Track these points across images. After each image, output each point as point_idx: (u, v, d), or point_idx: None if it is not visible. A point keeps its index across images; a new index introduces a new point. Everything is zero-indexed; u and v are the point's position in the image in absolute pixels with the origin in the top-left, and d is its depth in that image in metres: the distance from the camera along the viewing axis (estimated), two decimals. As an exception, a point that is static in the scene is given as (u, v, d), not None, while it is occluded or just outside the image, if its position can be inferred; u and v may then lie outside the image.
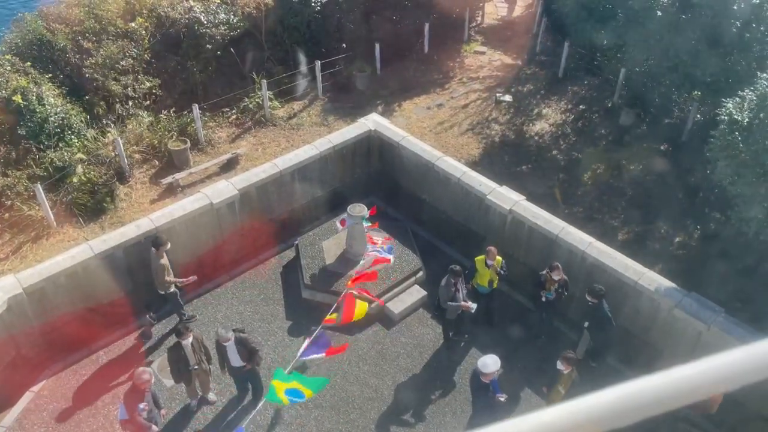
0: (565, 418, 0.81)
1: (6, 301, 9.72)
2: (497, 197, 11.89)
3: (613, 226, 13.08)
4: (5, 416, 9.95)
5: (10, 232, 11.90)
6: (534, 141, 15.36)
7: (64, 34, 14.59)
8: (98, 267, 10.61)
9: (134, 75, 14.86)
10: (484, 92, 16.97)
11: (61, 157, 12.58)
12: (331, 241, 12.57)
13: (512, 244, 11.95)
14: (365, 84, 16.85)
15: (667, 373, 0.86)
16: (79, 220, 12.29)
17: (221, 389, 10.38)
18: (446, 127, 15.63)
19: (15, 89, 12.74)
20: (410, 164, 13.20)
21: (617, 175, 14.24)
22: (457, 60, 18.50)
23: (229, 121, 15.24)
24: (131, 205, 12.86)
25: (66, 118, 13.20)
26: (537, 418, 0.83)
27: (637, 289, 10.34)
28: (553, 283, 10.47)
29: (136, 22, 15.26)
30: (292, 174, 12.62)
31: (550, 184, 14.03)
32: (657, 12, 13.30)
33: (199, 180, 13.54)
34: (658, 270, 10.97)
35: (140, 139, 13.84)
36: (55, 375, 10.58)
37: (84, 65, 14.34)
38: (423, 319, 11.84)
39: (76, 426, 9.85)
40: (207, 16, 15.75)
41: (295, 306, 11.87)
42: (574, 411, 0.82)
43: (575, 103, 16.46)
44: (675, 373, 0.85)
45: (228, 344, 9.29)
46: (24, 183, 12.19)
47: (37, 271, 10.18)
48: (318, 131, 15.00)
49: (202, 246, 11.87)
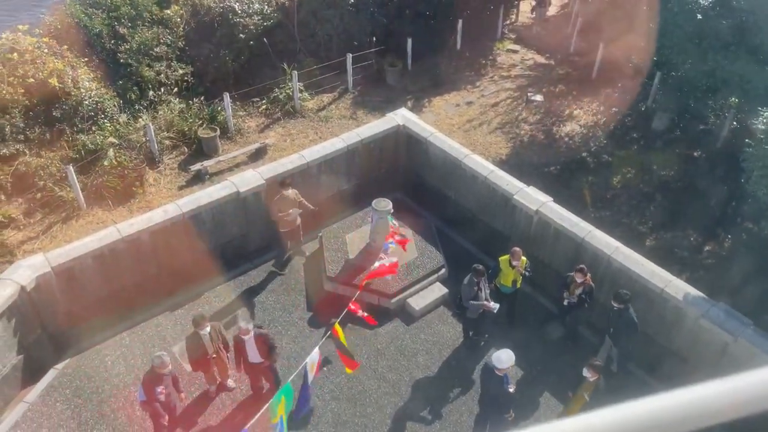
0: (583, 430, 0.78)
1: (35, 279, 9.92)
2: (524, 197, 11.77)
3: (641, 231, 12.87)
4: (29, 392, 10.16)
5: (41, 212, 12.14)
6: (564, 142, 15.18)
7: (100, 20, 14.82)
8: (124, 250, 10.76)
9: (167, 62, 15.04)
10: (515, 91, 16.81)
11: (93, 141, 12.79)
12: (355, 235, 12.58)
13: (537, 245, 11.83)
14: (395, 79, 16.80)
15: (691, 389, 0.80)
16: (108, 203, 12.48)
17: (240, 376, 10.46)
18: (475, 125, 15.52)
19: (52, 72, 12.97)
20: (437, 161, 13.13)
21: (648, 179, 14.01)
22: (489, 58, 18.36)
23: (258, 110, 15.34)
24: (159, 190, 13.02)
25: (100, 102, 13.41)
26: (555, 428, 0.79)
27: (663, 296, 10.15)
28: (578, 287, 10.33)
29: (171, 10, 15.43)
30: (319, 166, 12.64)
31: (578, 186, 13.85)
32: (696, 15, 13.03)
33: (227, 168, 13.65)
34: (686, 278, 10.76)
35: (171, 125, 14.00)
36: (79, 354, 10.77)
37: (119, 51, 14.56)
38: (443, 316, 11.79)
39: (98, 405, 10.02)
40: (241, 6, 15.86)
41: (316, 297, 11.90)
42: (594, 423, 0.78)
43: (608, 106, 16.21)
44: (700, 390, 0.79)
45: (247, 338, 9.27)
46: (57, 164, 12.42)
47: (66, 251, 10.36)
48: (346, 124, 15.01)
49: (227, 233, 11.97)
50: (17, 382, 10.14)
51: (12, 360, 9.98)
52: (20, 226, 11.84)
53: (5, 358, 9.85)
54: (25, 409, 9.91)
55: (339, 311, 10.30)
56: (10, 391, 10.04)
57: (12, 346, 9.96)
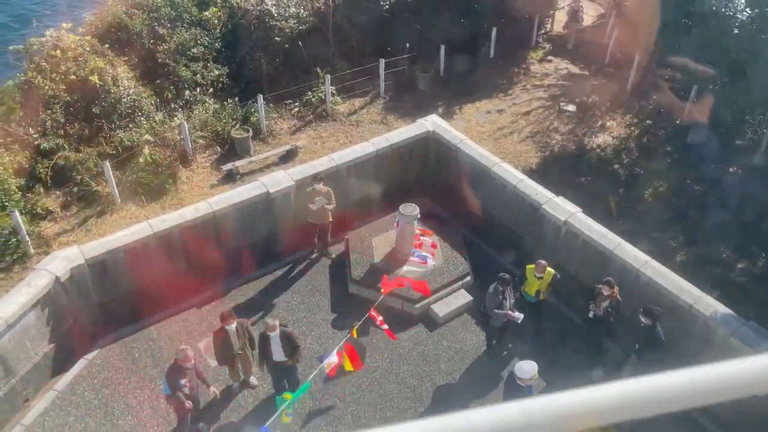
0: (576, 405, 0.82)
1: (69, 271, 10.20)
2: (553, 207, 11.70)
3: (671, 246, 12.67)
4: (59, 381, 10.44)
5: (77, 205, 12.46)
6: (595, 153, 15.03)
7: (141, 20, 15.16)
8: (156, 245, 11.00)
9: (204, 62, 15.32)
10: (547, 100, 16.71)
11: (130, 137, 13.08)
12: (381, 239, 12.64)
13: (565, 256, 11.74)
14: (427, 85, 16.85)
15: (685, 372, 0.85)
16: (142, 199, 12.75)
17: (263, 375, 10.58)
18: (506, 133, 15.47)
19: (93, 69, 13.31)
20: (466, 168, 13.13)
21: (680, 194, 13.79)
22: (522, 66, 18.28)
23: (291, 113, 15.51)
24: (191, 188, 13.25)
25: (137, 100, 13.72)
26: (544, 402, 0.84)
27: (692, 313, 9.99)
28: (604, 299, 10.22)
29: (210, 11, 15.72)
30: (348, 169, 12.75)
31: (607, 197, 13.70)
32: (734, 29, 12.82)
33: (258, 169, 13.84)
34: (716, 296, 10.56)
35: (205, 124, 14.25)
36: (108, 345, 11.02)
37: (158, 50, 14.88)
38: (467, 324, 11.77)
39: (124, 396, 10.24)
40: (278, 9, 16.08)
41: (340, 299, 11.99)
42: (583, 399, 0.83)
43: (641, 118, 16.02)
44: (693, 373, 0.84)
45: (273, 335, 9.38)
46: (94, 159, 12.72)
47: (100, 244, 10.64)
48: (377, 129, 15.09)
49: (256, 233, 12.14)
50: (48, 370, 10.42)
51: (44, 348, 10.26)
52: (57, 218, 12.17)
53: (38, 347, 10.14)
54: (54, 397, 10.18)
55: (362, 314, 10.37)
56: (41, 378, 10.32)
57: (45, 335, 10.25)
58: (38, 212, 12.06)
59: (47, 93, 12.92)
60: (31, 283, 9.84)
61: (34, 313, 9.86)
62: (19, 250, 11.28)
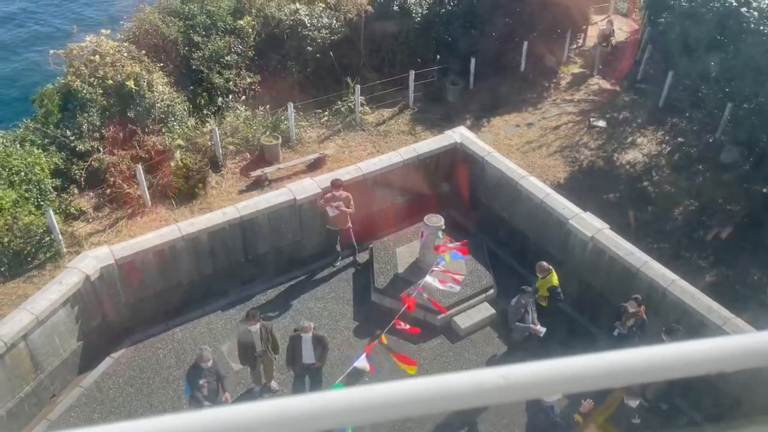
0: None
1: (99, 270, 10.43)
2: (580, 223, 11.60)
3: (700, 266, 12.45)
4: (86, 377, 10.65)
5: (109, 207, 12.75)
6: (624, 170, 14.86)
7: (177, 27, 15.51)
8: (183, 248, 11.19)
9: (237, 70, 15.59)
10: (577, 115, 16.60)
11: (162, 142, 13.35)
12: (405, 249, 12.66)
13: (591, 272, 11.61)
14: (456, 97, 16.88)
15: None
16: (172, 203, 12.99)
17: (284, 379, 10.66)
18: (534, 147, 15.40)
19: (129, 75, 13.65)
20: (493, 180, 13.10)
21: (712, 213, 13.55)
22: (553, 80, 18.21)
23: (320, 122, 15.68)
24: (220, 193, 13.46)
25: (171, 106, 14.01)
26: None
27: (719, 334, 9.78)
28: (630, 317, 10.08)
29: (244, 20, 16.01)
30: (375, 179, 12.81)
31: (636, 215, 13.53)
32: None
33: (286, 176, 14.00)
34: (746, 318, 10.33)
35: (236, 131, 14.48)
36: (134, 345, 11.22)
37: (192, 57, 15.19)
38: (489, 337, 11.69)
39: (148, 395, 10.40)
40: (311, 20, 16.30)
41: (363, 308, 12.03)
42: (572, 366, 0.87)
43: (673, 135, 15.80)
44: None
45: (305, 337, 9.49)
46: (127, 162, 13.01)
47: (129, 245, 10.86)
48: (405, 140, 15.16)
49: (282, 239, 12.26)
50: (75, 367, 10.64)
51: (72, 345, 10.49)
52: (89, 218, 12.46)
53: (66, 343, 10.37)
54: (80, 394, 10.39)
55: (385, 323, 10.39)
56: (68, 375, 10.55)
57: (73, 332, 10.48)
58: (72, 212, 12.37)
59: (85, 97, 13.28)
60: (63, 281, 10.08)
61: (64, 311, 10.09)
62: (53, 249, 11.57)
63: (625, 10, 22.95)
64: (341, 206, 11.66)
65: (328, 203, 11.72)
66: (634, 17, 22.35)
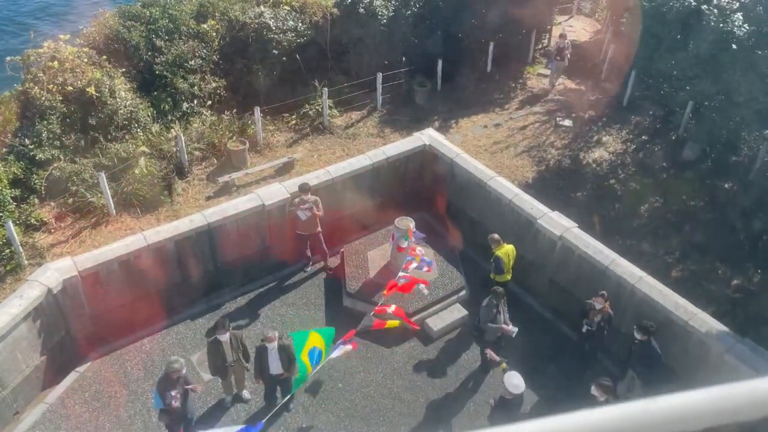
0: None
1: (62, 282, 10.13)
2: (548, 222, 11.69)
3: (667, 262, 12.66)
4: (50, 393, 10.34)
5: (72, 216, 12.43)
6: (591, 168, 15.06)
7: (139, 32, 15.21)
8: (150, 257, 10.94)
9: (201, 75, 15.35)
10: (543, 115, 16.77)
11: (126, 149, 13.08)
12: (376, 252, 12.61)
13: (560, 271, 11.71)
14: (424, 99, 16.91)
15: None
16: (137, 211, 12.72)
17: (256, 388, 10.51)
18: (502, 148, 15.51)
19: (90, 81, 13.34)
20: (462, 182, 13.13)
21: (676, 210, 13.80)
22: (519, 81, 18.36)
23: (288, 125, 15.54)
24: (187, 200, 13.23)
25: (134, 112, 13.74)
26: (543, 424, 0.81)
27: (687, 329, 9.95)
28: (597, 313, 10.19)
29: (207, 24, 15.78)
30: (344, 182, 12.73)
31: (603, 213, 13.70)
32: (732, 45, 12.89)
33: (254, 181, 13.83)
34: (712, 312, 10.53)
35: (201, 137, 14.26)
36: (100, 358, 10.93)
37: (155, 62, 14.91)
38: (462, 338, 11.71)
39: (115, 409, 10.14)
40: (276, 23, 16.14)
41: (335, 313, 11.93)
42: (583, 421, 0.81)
43: (637, 133, 16.07)
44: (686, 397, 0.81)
45: (271, 346, 9.33)
46: (90, 171, 12.71)
47: (93, 255, 10.58)
48: (374, 142, 15.12)
49: (251, 245, 12.10)
50: (39, 383, 10.33)
51: (35, 361, 10.18)
52: (51, 229, 12.13)
53: (29, 359, 10.05)
54: (44, 410, 10.08)
55: (357, 327, 10.32)
56: (32, 391, 10.23)
57: (36, 347, 10.17)
58: (32, 223, 12.03)
59: (44, 104, 12.93)
60: (23, 294, 9.77)
61: (25, 325, 9.78)
62: (12, 262, 11.23)
63: (588, 10, 23.31)
64: (313, 209, 11.59)
65: (297, 207, 11.63)
66: (596, 17, 22.71)
